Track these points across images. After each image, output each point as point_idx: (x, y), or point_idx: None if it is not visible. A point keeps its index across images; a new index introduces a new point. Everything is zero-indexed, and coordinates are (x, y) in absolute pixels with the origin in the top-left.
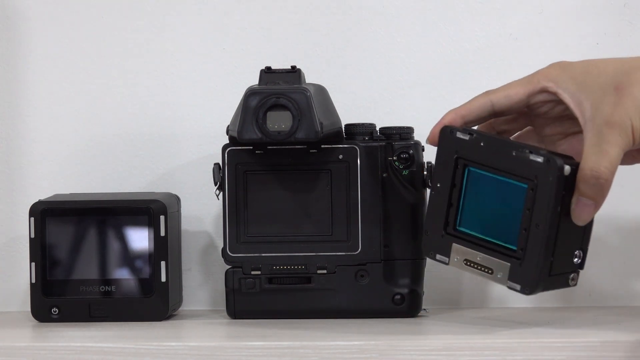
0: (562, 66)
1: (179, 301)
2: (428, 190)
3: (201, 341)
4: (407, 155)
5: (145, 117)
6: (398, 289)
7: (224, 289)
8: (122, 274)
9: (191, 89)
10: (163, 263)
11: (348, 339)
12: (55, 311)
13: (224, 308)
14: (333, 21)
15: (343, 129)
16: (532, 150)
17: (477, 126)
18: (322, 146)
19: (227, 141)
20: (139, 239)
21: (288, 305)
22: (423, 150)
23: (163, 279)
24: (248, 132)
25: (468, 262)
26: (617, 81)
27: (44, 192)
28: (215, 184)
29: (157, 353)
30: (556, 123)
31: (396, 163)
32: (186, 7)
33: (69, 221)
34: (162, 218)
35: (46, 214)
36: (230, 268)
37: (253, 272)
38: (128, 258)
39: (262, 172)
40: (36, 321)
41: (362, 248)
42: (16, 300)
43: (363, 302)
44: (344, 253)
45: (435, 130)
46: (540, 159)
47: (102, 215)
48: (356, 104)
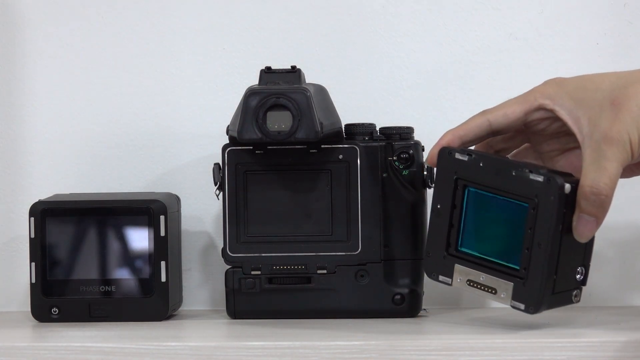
0: (558, 83)
1: (179, 301)
2: (428, 190)
3: (201, 341)
4: (407, 155)
5: (145, 117)
6: (398, 289)
7: (224, 289)
8: (122, 274)
9: (191, 89)
10: (163, 263)
11: (348, 339)
12: (55, 311)
13: (224, 308)
14: (333, 21)
15: (343, 129)
16: (532, 169)
17: (475, 145)
18: (322, 146)
19: (227, 141)
20: (139, 239)
21: (288, 305)
22: (423, 150)
23: (163, 279)
24: (248, 132)
25: (471, 283)
26: (614, 96)
27: (44, 192)
28: (215, 184)
29: (157, 353)
30: (554, 139)
31: (396, 163)
32: (186, 7)
33: (69, 221)
34: (162, 218)
35: (46, 214)
36: (230, 268)
37: (253, 272)
38: (128, 258)
39: (262, 172)
40: (36, 321)
41: (362, 248)
42: (16, 300)
43: (363, 302)
44: (344, 253)
45: (433, 151)
46: (540, 179)
47: (102, 215)
48: (356, 104)
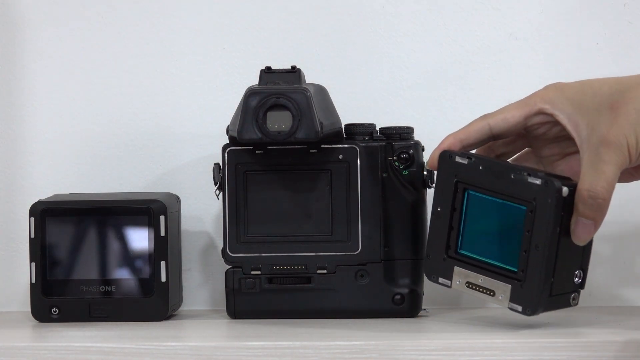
0: (558, 87)
1: (179, 301)
2: (428, 190)
3: (201, 341)
4: (407, 155)
5: (145, 117)
6: (398, 289)
7: (224, 289)
8: (122, 274)
9: (191, 89)
10: (163, 263)
11: (348, 339)
12: (55, 311)
13: (224, 308)
14: (333, 21)
15: (343, 129)
16: (530, 172)
17: (476, 149)
18: (322, 146)
19: (227, 141)
20: (139, 239)
21: (288, 305)
22: (423, 150)
23: (163, 279)
24: (248, 132)
25: (470, 285)
26: (612, 100)
27: (44, 192)
28: (215, 184)
29: (157, 353)
30: (554, 144)
31: (396, 163)
32: (186, 7)
33: (69, 221)
34: (162, 218)
35: (46, 214)
36: (230, 268)
37: (253, 272)
38: (128, 258)
39: (262, 172)
40: (36, 321)
41: (362, 248)
42: (16, 300)
43: (363, 302)
44: (344, 253)
45: (434, 155)
46: (538, 182)
47: (102, 215)
48: (356, 104)
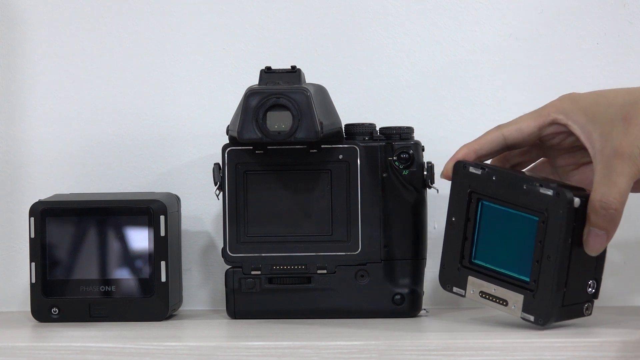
0: (572, 98)
1: (179, 301)
2: (428, 190)
3: (201, 341)
4: (407, 155)
5: (145, 117)
6: (398, 289)
7: (224, 289)
8: (122, 274)
9: (191, 89)
10: (163, 263)
11: (348, 339)
12: (55, 311)
13: (224, 308)
14: (333, 21)
15: (343, 129)
16: (543, 183)
17: (491, 160)
18: (322, 146)
19: (227, 141)
20: (139, 239)
21: (288, 305)
22: (423, 150)
23: (163, 279)
24: (248, 132)
25: (483, 294)
26: (625, 111)
27: (44, 192)
28: (215, 184)
29: (157, 353)
30: (568, 154)
31: (396, 163)
32: (186, 7)
33: (69, 221)
34: (162, 218)
35: (46, 214)
36: (230, 268)
37: (253, 272)
38: (128, 258)
39: (262, 172)
40: (36, 321)
41: (362, 248)
42: (16, 300)
43: (363, 302)
44: (344, 253)
45: (448, 165)
46: (550, 192)
47: (102, 215)
48: (356, 104)
